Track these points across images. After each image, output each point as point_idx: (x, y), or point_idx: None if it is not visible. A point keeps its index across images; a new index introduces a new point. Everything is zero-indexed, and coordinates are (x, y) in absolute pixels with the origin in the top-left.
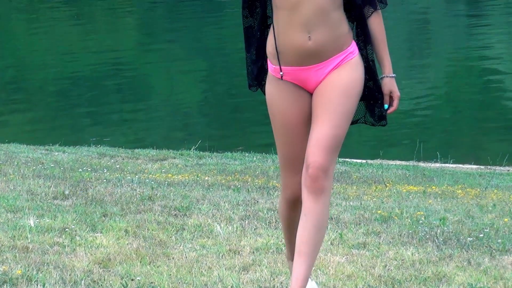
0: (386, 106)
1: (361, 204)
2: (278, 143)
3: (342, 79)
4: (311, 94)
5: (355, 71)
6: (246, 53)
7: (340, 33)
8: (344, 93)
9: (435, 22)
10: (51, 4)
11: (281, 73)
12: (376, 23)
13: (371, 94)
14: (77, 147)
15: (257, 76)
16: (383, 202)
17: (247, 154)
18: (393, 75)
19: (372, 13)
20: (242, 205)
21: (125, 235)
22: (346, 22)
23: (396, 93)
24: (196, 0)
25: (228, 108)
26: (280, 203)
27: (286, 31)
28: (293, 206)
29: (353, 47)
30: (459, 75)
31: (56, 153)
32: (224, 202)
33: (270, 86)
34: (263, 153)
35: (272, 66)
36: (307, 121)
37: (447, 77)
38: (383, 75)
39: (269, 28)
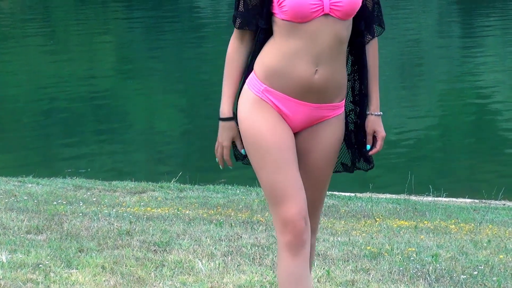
0: (368, 147)
1: (349, 239)
2: (262, 175)
3: (331, 139)
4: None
5: (341, 129)
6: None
7: (341, 80)
8: (332, 162)
9: (427, 45)
10: (25, 30)
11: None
12: (371, 52)
13: (358, 135)
14: (51, 178)
15: None
16: (372, 238)
17: (230, 187)
18: (380, 113)
19: (369, 40)
20: (224, 241)
21: (102, 272)
22: (346, 70)
23: (381, 133)
24: (177, 23)
25: (210, 139)
26: (280, 254)
27: (291, 60)
28: (297, 251)
29: (343, 103)
30: (452, 104)
31: (30, 185)
32: (206, 237)
33: (251, 107)
34: (247, 186)
35: (262, 86)
36: (293, 149)
37: (439, 106)
38: (369, 112)
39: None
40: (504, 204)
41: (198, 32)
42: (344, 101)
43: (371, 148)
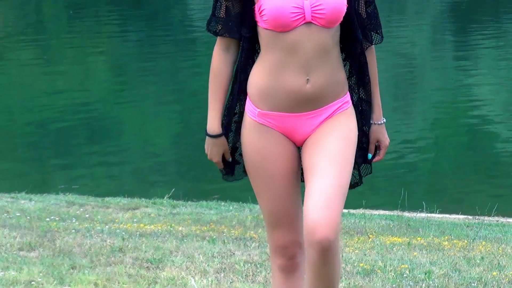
0: (369, 155)
1: (342, 256)
2: (263, 199)
3: (337, 125)
4: (297, 148)
5: (351, 121)
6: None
7: (338, 78)
8: (342, 140)
9: (421, 61)
10: (18, 44)
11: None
12: (370, 61)
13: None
14: (44, 195)
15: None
16: (365, 255)
17: (223, 203)
18: (383, 121)
19: (366, 48)
20: (217, 257)
21: None
22: (343, 67)
23: (384, 142)
24: (169, 36)
25: (203, 155)
26: (273, 273)
27: (279, 74)
28: (290, 273)
29: (348, 96)
30: (445, 120)
31: (23, 201)
32: (199, 254)
33: (249, 133)
34: (240, 202)
35: (256, 110)
36: (296, 172)
37: (432, 121)
38: (372, 122)
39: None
40: (497, 221)
41: (191, 44)
42: (347, 94)
43: (373, 157)
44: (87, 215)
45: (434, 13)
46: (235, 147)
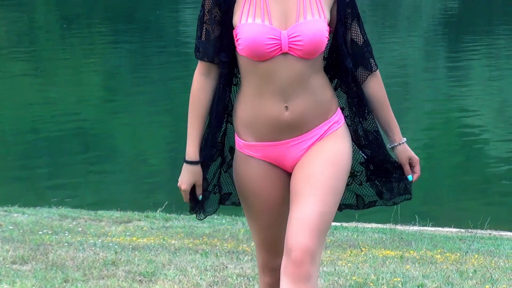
0: (410, 177)
1: (335, 269)
2: (253, 227)
3: (327, 151)
4: (289, 174)
5: (341, 143)
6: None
7: (323, 100)
8: (330, 165)
9: (413, 71)
10: (11, 55)
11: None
12: (377, 86)
13: (382, 170)
14: (37, 208)
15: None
16: (358, 268)
17: (216, 217)
18: (404, 140)
19: (367, 76)
20: (210, 271)
21: None
22: (329, 86)
23: (415, 158)
24: (161, 48)
25: None
26: (261, 285)
27: (257, 101)
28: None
29: (339, 115)
30: (438, 133)
31: (16, 215)
32: (192, 267)
33: (237, 165)
34: (233, 215)
35: (240, 142)
36: (287, 201)
37: (425, 134)
38: (395, 144)
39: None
40: (490, 234)
41: (183, 55)
42: (337, 113)
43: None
44: (79, 228)
45: (426, 25)
46: (207, 182)
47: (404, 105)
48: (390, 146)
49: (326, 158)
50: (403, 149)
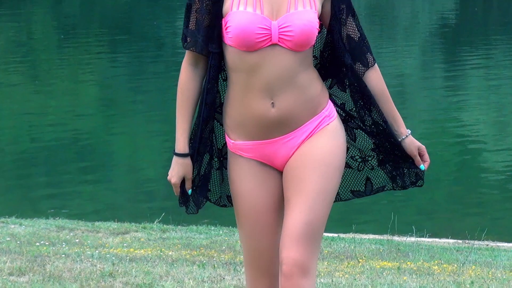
0: (422, 167)
1: (332, 281)
2: (242, 234)
3: (317, 150)
4: (280, 173)
5: (334, 138)
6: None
7: (311, 95)
8: (319, 168)
9: (411, 81)
10: (8, 66)
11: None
12: (377, 79)
13: (393, 156)
14: (34, 219)
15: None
16: (355, 279)
17: (213, 228)
18: (409, 131)
19: (365, 71)
20: (207, 282)
21: None
22: (318, 80)
23: (422, 147)
24: (158, 57)
25: None
26: None
27: (244, 98)
28: None
29: (330, 109)
30: (435, 142)
31: (13, 226)
32: (189, 279)
33: (231, 165)
34: (230, 227)
35: (230, 141)
36: (278, 207)
37: (422, 144)
38: (402, 137)
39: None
40: (487, 245)
41: (180, 64)
42: (327, 106)
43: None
44: (77, 240)
45: (423, 35)
46: (195, 177)
47: (400, 114)
48: (399, 140)
49: (315, 160)
50: (410, 141)
